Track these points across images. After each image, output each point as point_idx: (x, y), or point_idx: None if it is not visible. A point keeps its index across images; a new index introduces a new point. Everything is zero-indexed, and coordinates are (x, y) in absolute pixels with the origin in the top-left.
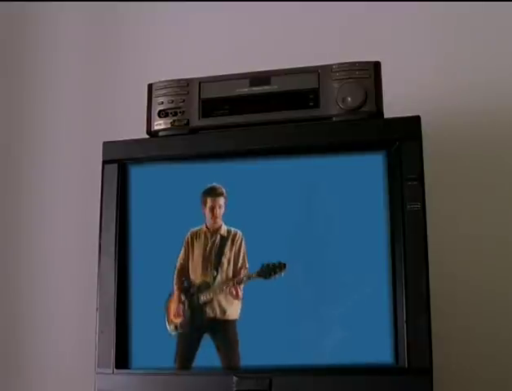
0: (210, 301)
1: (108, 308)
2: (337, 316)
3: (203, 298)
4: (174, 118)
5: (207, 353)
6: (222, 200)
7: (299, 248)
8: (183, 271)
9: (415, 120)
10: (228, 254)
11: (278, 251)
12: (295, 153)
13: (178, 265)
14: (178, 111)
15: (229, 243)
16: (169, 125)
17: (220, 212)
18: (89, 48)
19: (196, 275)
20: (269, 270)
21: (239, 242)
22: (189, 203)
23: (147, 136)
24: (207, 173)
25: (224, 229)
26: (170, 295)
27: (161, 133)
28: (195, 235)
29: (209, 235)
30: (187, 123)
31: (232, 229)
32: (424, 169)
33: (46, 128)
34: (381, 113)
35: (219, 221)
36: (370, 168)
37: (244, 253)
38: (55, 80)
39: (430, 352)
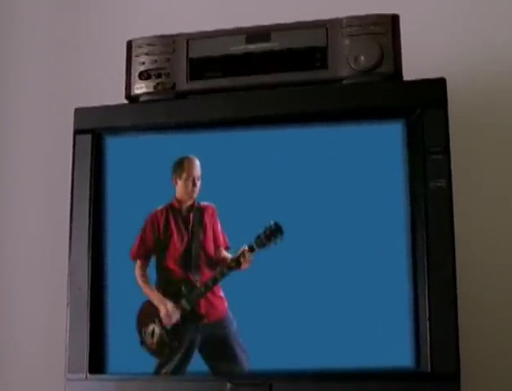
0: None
1: (80, 303)
2: (348, 312)
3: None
4: (158, 81)
5: (195, 357)
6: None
7: (303, 233)
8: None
9: (439, 84)
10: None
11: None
12: (298, 121)
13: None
14: (163, 72)
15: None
16: (151, 89)
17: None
18: None
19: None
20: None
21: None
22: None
23: (126, 101)
24: (196, 144)
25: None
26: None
27: (142, 99)
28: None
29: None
30: (173, 86)
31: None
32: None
33: (7, 92)
34: (400, 75)
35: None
36: (387, 139)
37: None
38: (18, 35)
39: (457, 354)
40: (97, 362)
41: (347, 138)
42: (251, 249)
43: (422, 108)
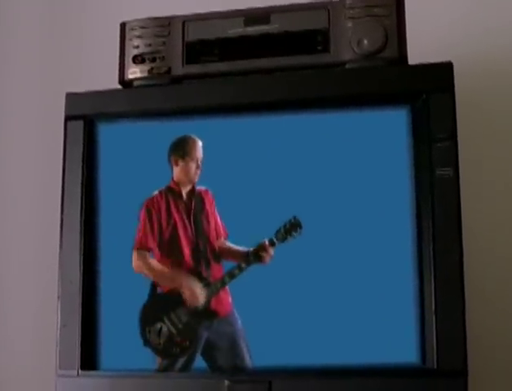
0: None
1: (72, 296)
2: (351, 306)
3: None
4: (153, 65)
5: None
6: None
7: (304, 223)
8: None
9: (446, 68)
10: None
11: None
12: (298, 107)
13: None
14: (158, 56)
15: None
16: (146, 74)
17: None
18: None
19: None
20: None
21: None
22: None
23: (119, 86)
24: (192, 130)
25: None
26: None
27: (136, 83)
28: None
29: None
30: (169, 71)
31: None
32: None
33: None
34: (405, 59)
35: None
36: (391, 126)
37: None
38: (8, 17)
39: (465, 349)
40: (89, 358)
41: (350, 125)
42: (272, 243)
43: (428, 93)
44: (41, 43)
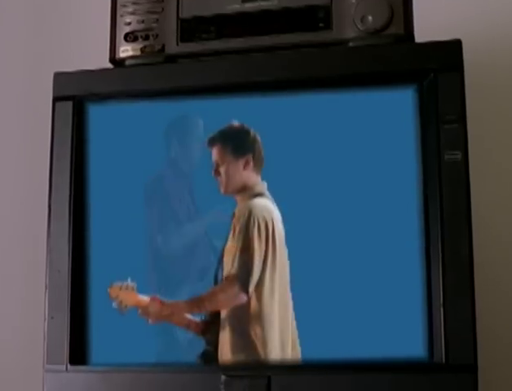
0: None
1: (60, 286)
2: (356, 298)
3: None
4: (146, 43)
5: (186, 346)
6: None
7: (305, 209)
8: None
9: (454, 46)
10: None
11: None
12: (299, 87)
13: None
14: (151, 33)
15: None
16: (138, 52)
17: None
18: None
19: None
20: None
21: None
22: (164, 152)
23: (110, 66)
24: (186, 111)
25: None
26: None
27: (128, 62)
28: None
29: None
30: (162, 49)
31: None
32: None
33: None
34: (411, 36)
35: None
36: (397, 106)
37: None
38: None
39: (475, 343)
40: (79, 352)
41: (353, 106)
42: None
43: (436, 73)
44: (28, 20)
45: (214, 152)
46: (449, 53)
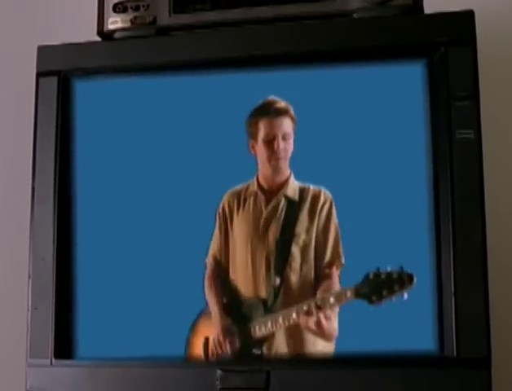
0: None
1: (45, 275)
2: None
3: (258, 330)
4: (136, 14)
5: (179, 339)
6: (289, 124)
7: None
8: (219, 270)
9: (466, 17)
10: (305, 237)
11: None
12: (300, 62)
13: (210, 257)
14: (141, 4)
15: (305, 213)
16: (128, 24)
17: (287, 148)
18: None
19: (241, 281)
20: (379, 286)
21: (325, 211)
22: (157, 130)
23: (97, 38)
24: (180, 87)
25: (294, 186)
26: (202, 313)
27: (117, 35)
28: (237, 200)
29: (263, 198)
30: (154, 21)
31: (310, 186)
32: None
33: None
34: (420, 7)
35: (285, 169)
36: (405, 82)
37: (336, 234)
38: None
39: (488, 336)
40: (64, 346)
41: (359, 82)
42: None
43: (446, 46)
44: None
45: (284, 123)
46: (461, 25)
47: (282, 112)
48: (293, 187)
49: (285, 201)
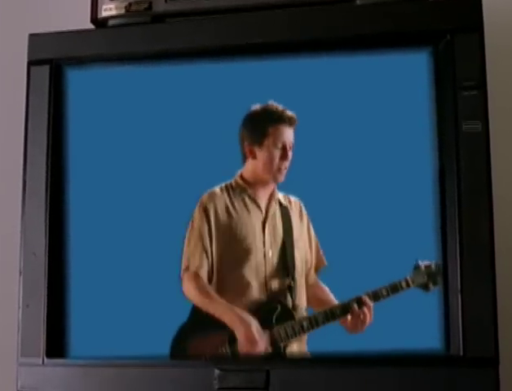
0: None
1: (36, 271)
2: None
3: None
4: (130, 1)
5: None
6: (291, 134)
7: (314, 181)
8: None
9: (473, 3)
10: (300, 242)
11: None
12: (301, 50)
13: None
14: None
15: (297, 219)
16: (122, 11)
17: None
18: None
19: (248, 283)
20: (432, 275)
21: (305, 218)
22: (152, 121)
23: (91, 26)
24: (175, 76)
25: (279, 194)
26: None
27: (111, 22)
28: (223, 201)
29: (255, 202)
30: (149, 7)
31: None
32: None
33: None
34: None
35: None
36: (410, 71)
37: (316, 240)
38: None
39: (496, 334)
40: (56, 344)
41: (362, 71)
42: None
43: (453, 33)
44: None
45: (291, 133)
46: (467, 11)
47: (293, 123)
48: (280, 195)
49: (279, 207)
